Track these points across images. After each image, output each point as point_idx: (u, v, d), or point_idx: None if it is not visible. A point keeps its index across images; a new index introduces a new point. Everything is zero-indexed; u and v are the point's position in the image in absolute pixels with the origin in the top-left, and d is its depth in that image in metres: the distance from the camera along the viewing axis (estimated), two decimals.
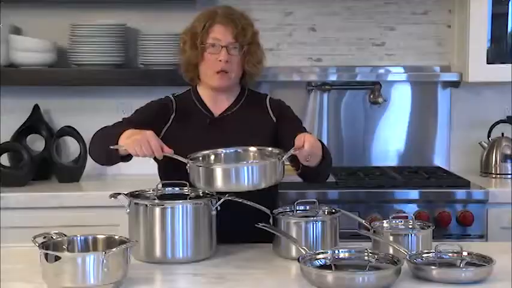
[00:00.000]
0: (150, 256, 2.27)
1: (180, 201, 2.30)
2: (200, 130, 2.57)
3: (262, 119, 2.62)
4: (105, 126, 2.53)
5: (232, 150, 2.44)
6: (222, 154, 2.44)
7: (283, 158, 2.28)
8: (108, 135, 2.42)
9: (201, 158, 2.40)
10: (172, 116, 2.60)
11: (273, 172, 2.26)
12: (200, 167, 2.28)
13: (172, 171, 2.41)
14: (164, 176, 2.56)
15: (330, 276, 1.99)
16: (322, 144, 2.44)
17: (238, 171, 2.24)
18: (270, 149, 2.41)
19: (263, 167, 2.26)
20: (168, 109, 2.61)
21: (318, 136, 3.68)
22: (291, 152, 2.29)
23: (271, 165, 2.27)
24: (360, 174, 3.54)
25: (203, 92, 2.65)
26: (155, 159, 2.48)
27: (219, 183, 2.24)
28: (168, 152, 2.32)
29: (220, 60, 2.53)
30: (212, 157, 2.43)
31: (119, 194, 2.32)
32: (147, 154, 2.29)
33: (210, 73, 2.57)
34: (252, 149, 2.44)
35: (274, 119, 2.63)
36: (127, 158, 2.42)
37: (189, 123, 2.59)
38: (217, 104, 2.63)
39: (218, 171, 2.24)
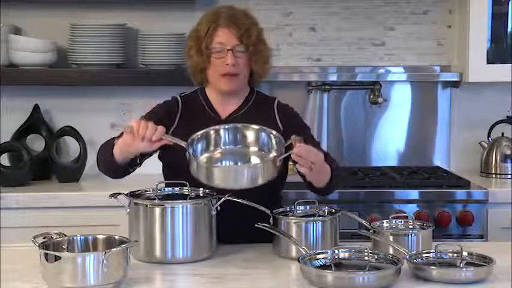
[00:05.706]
0: (150, 256, 2.27)
1: (180, 201, 2.29)
2: None
3: (268, 125, 2.56)
4: (109, 139, 2.53)
5: (231, 126, 2.46)
6: (221, 130, 2.44)
7: (280, 158, 2.30)
8: (110, 145, 2.44)
9: (199, 136, 2.40)
10: (177, 117, 2.60)
11: (270, 169, 2.29)
12: (199, 165, 2.29)
13: (176, 172, 2.41)
14: (167, 176, 2.56)
15: (330, 276, 1.99)
16: (331, 165, 2.45)
17: (237, 172, 2.29)
18: (273, 132, 2.42)
19: (262, 167, 2.30)
20: (173, 111, 2.60)
21: (318, 136, 3.69)
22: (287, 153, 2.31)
23: (269, 165, 2.30)
24: (360, 174, 3.54)
25: (211, 94, 2.63)
26: (159, 157, 2.48)
27: (218, 181, 2.26)
28: (168, 137, 2.34)
29: (227, 64, 2.51)
30: (212, 135, 2.43)
31: (119, 194, 2.32)
32: (149, 135, 2.29)
33: (217, 77, 2.55)
34: (254, 127, 2.45)
35: (281, 127, 2.58)
36: (133, 166, 2.46)
37: (196, 125, 2.57)
38: (225, 106, 2.61)
39: (217, 172, 2.28)
